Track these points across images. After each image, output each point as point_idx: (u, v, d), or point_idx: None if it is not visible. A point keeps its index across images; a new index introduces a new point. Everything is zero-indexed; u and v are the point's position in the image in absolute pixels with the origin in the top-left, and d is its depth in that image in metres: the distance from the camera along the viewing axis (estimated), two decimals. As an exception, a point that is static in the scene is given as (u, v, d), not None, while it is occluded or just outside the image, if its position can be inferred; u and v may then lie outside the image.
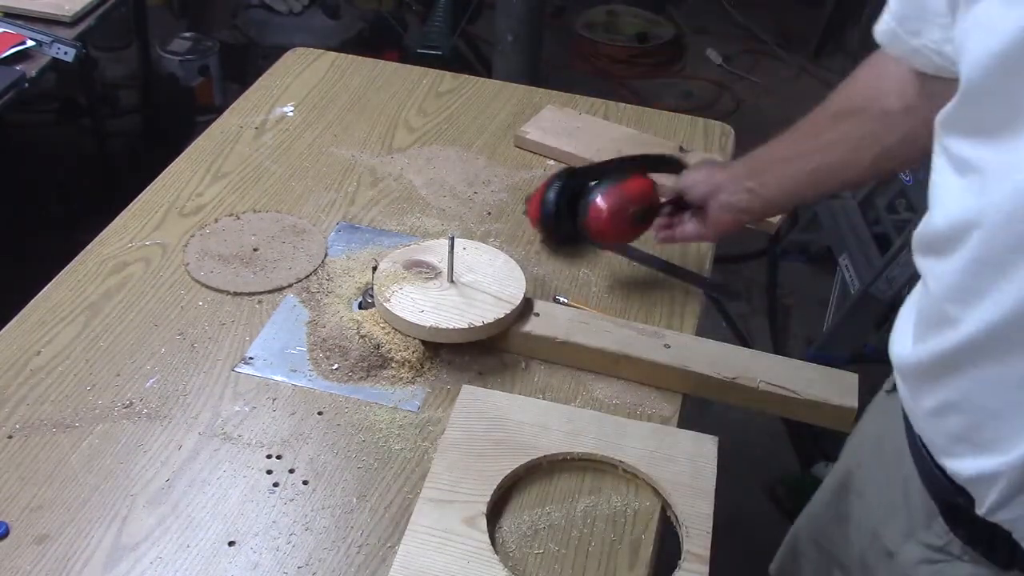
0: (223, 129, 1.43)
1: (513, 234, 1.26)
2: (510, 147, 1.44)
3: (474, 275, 1.11)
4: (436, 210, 1.30)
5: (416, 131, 1.46)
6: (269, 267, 1.17)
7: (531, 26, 2.89)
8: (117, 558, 0.85)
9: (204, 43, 3.19)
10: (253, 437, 0.97)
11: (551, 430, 0.97)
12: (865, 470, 1.07)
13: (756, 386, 1.03)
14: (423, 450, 0.97)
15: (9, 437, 0.95)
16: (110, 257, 1.18)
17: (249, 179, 1.33)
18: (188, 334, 1.08)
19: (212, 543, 0.87)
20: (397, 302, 1.07)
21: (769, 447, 2.31)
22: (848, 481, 1.11)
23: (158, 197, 1.28)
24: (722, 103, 3.64)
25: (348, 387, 1.03)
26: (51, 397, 0.99)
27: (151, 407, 0.99)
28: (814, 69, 3.86)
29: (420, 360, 1.06)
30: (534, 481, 0.95)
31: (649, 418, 1.03)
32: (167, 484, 0.92)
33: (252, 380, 1.03)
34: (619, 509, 0.93)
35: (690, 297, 1.19)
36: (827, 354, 2.51)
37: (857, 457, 1.10)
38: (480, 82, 1.61)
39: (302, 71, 1.59)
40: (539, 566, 0.87)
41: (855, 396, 1.03)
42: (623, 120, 1.52)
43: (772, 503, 2.18)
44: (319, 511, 0.91)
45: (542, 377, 1.07)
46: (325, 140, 1.43)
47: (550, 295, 1.17)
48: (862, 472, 1.08)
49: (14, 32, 1.85)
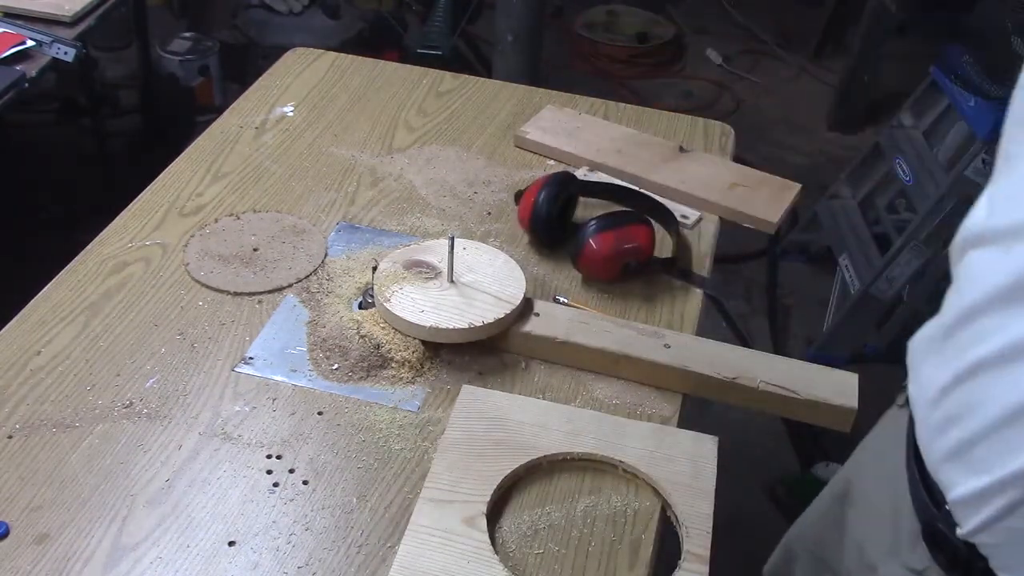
0: (223, 129, 1.43)
1: (513, 234, 1.26)
2: (510, 147, 1.44)
3: (474, 275, 1.11)
4: (436, 210, 1.30)
5: (416, 131, 1.47)
6: (269, 267, 1.17)
7: (531, 26, 2.89)
8: (117, 558, 0.85)
9: (204, 43, 3.19)
10: (253, 437, 0.97)
11: (551, 430, 0.97)
12: (864, 482, 1.08)
13: (756, 386, 1.03)
14: (423, 450, 0.97)
15: (9, 437, 0.95)
16: (110, 257, 1.18)
17: (249, 179, 1.33)
18: (188, 334, 1.08)
19: (212, 543, 0.87)
20: (397, 302, 1.07)
21: (769, 447, 2.31)
22: (847, 490, 1.11)
23: (158, 197, 1.28)
24: (722, 103, 3.64)
25: (348, 387, 1.03)
26: (51, 397, 0.99)
27: (151, 407, 0.99)
28: (814, 69, 3.87)
29: (420, 360, 1.06)
30: (534, 481, 0.95)
31: (649, 418, 1.03)
32: (167, 484, 0.92)
33: (252, 380, 1.03)
34: (619, 509, 0.93)
35: (690, 297, 1.19)
36: (827, 354, 2.51)
37: (859, 467, 1.10)
38: (480, 82, 1.61)
39: (302, 71, 1.59)
40: (539, 566, 0.87)
41: (855, 396, 1.03)
42: (623, 120, 1.52)
43: (772, 503, 2.18)
44: (319, 511, 0.91)
45: (542, 377, 1.07)
46: (325, 140, 1.43)
47: (550, 295, 1.17)
48: (861, 483, 1.08)
49: (14, 32, 1.85)
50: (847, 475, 1.13)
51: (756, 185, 1.37)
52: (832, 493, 1.15)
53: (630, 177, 1.36)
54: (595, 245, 1.15)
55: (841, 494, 1.12)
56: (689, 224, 1.30)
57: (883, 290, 2.45)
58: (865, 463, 1.09)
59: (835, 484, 1.16)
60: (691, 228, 1.30)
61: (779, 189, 1.38)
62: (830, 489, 1.17)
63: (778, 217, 1.33)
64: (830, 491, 1.16)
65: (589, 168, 1.39)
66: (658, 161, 1.39)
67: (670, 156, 1.41)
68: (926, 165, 2.49)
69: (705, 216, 1.33)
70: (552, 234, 1.21)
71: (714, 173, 1.38)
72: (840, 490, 1.13)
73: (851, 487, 1.10)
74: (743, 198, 1.34)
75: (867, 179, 2.78)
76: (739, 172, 1.40)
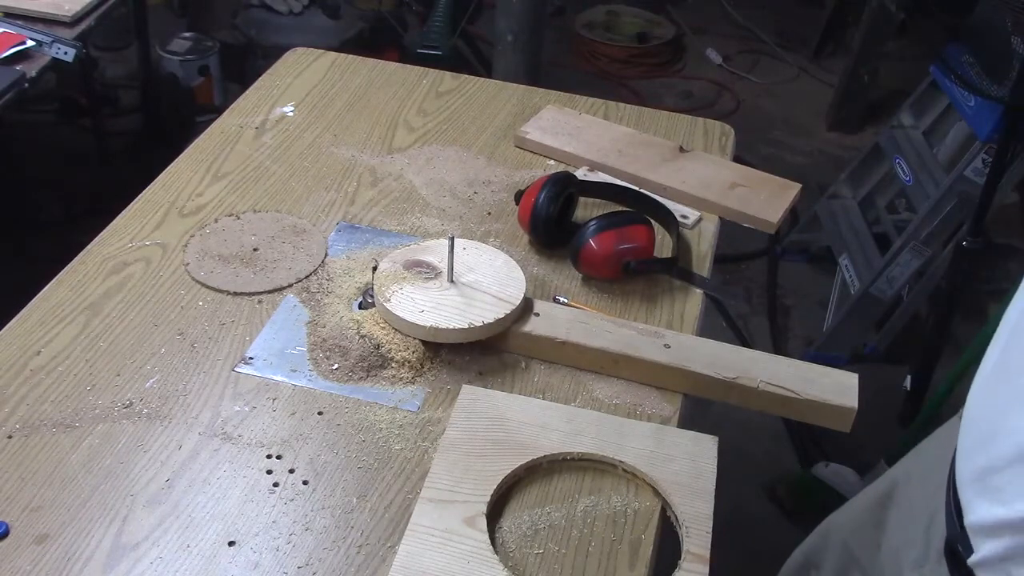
0: (223, 129, 1.43)
1: (513, 234, 1.26)
2: (510, 147, 1.44)
3: (474, 275, 1.11)
4: (436, 210, 1.30)
5: (416, 131, 1.47)
6: (269, 267, 1.17)
7: (531, 26, 2.89)
8: (117, 558, 0.85)
9: (204, 43, 3.19)
10: (253, 437, 0.97)
11: (551, 430, 0.97)
12: (909, 487, 1.06)
13: (756, 386, 1.03)
14: (423, 450, 0.97)
15: (9, 437, 0.95)
16: (110, 257, 1.18)
17: (249, 179, 1.33)
18: (188, 334, 1.08)
19: (212, 543, 0.87)
20: (397, 302, 1.07)
21: (769, 447, 2.31)
22: (892, 492, 1.09)
23: (158, 197, 1.28)
24: (722, 103, 3.64)
25: (348, 387, 1.03)
26: (51, 397, 0.99)
27: (151, 407, 0.99)
28: (814, 69, 3.87)
29: (420, 360, 1.06)
30: (534, 481, 0.95)
31: (649, 418, 1.03)
32: (167, 484, 0.92)
33: (252, 380, 1.03)
34: (619, 509, 0.93)
35: (690, 297, 1.19)
36: (827, 354, 2.51)
37: (907, 472, 1.08)
38: (480, 82, 1.61)
39: (302, 71, 1.59)
40: (539, 566, 0.87)
41: (855, 396, 1.03)
42: (623, 120, 1.52)
43: (772, 503, 2.18)
44: (319, 511, 0.91)
45: (542, 377, 1.07)
46: (325, 140, 1.43)
47: (550, 295, 1.17)
48: (907, 488, 1.07)
49: (14, 32, 1.85)
50: (894, 476, 1.11)
51: (756, 185, 1.38)
52: (877, 492, 1.14)
53: (630, 177, 1.37)
54: (595, 245, 1.15)
55: (885, 495, 1.10)
56: (689, 224, 1.30)
57: (883, 290, 2.45)
58: (913, 468, 1.08)
59: (881, 483, 1.14)
60: (691, 228, 1.30)
61: (779, 189, 1.38)
62: (875, 488, 1.15)
63: (778, 217, 1.33)
64: (875, 490, 1.15)
65: (589, 168, 1.39)
66: (658, 161, 1.40)
67: (670, 156, 1.41)
68: (926, 165, 2.49)
69: (705, 216, 1.33)
70: (552, 234, 1.21)
71: (714, 173, 1.38)
72: (885, 490, 1.11)
73: (896, 490, 1.09)
74: (743, 198, 1.34)
75: (867, 179, 2.78)
76: (739, 172, 1.40)
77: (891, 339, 2.54)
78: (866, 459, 2.14)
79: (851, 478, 2.14)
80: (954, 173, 2.31)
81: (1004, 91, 2.00)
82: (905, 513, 1.05)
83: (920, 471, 1.06)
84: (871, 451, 2.14)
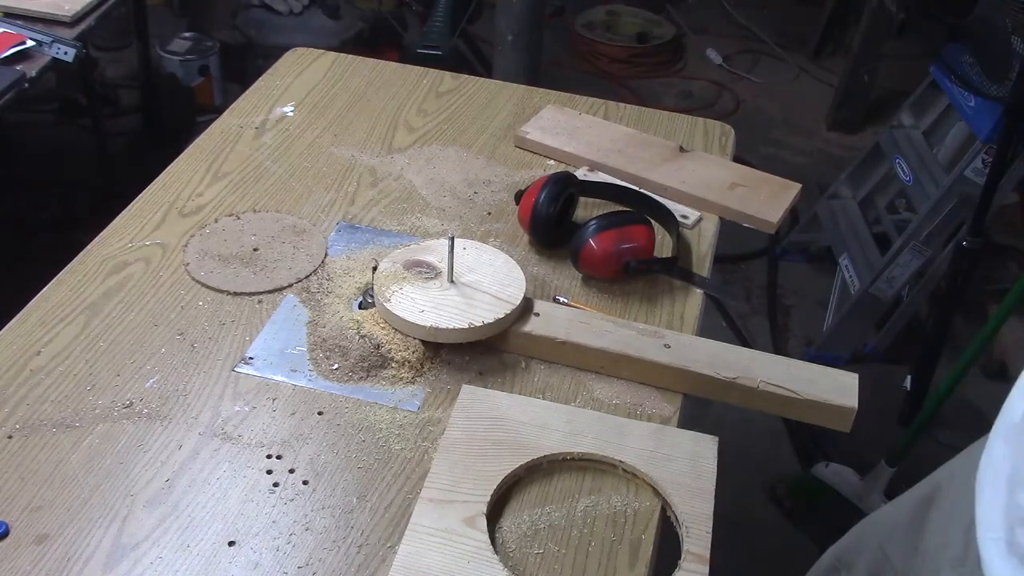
0: (223, 129, 1.43)
1: (513, 234, 1.26)
2: (510, 147, 1.44)
3: (474, 275, 1.11)
4: (436, 210, 1.30)
5: (416, 131, 1.47)
6: (269, 267, 1.17)
7: (531, 26, 2.89)
8: (117, 558, 0.85)
9: (204, 43, 3.19)
10: (253, 437, 0.97)
11: (551, 430, 0.97)
12: (952, 490, 1.04)
13: (756, 386, 1.03)
14: (423, 450, 0.97)
15: (9, 437, 0.95)
16: (110, 257, 1.18)
17: (249, 179, 1.33)
18: (188, 334, 1.08)
19: (212, 543, 0.87)
20: (397, 302, 1.07)
21: (769, 447, 2.31)
22: (934, 495, 1.08)
23: (158, 197, 1.28)
24: (722, 103, 3.64)
25: (348, 387, 1.03)
26: (51, 397, 0.99)
27: (151, 407, 0.99)
28: (814, 69, 3.87)
29: (420, 360, 1.06)
30: (534, 481, 0.95)
31: (649, 418, 1.03)
32: (167, 484, 0.92)
33: (252, 380, 1.03)
34: (619, 509, 0.93)
35: (690, 297, 1.19)
36: (827, 354, 2.51)
37: (952, 475, 1.06)
38: (480, 82, 1.61)
39: (302, 71, 1.59)
40: (539, 566, 0.87)
41: (855, 396, 1.03)
42: (623, 120, 1.52)
43: (772, 503, 2.18)
44: (319, 511, 0.91)
45: (542, 377, 1.07)
46: (325, 140, 1.43)
47: (550, 295, 1.17)
48: (950, 490, 1.04)
49: (14, 32, 1.85)
50: (938, 479, 1.10)
51: (756, 185, 1.38)
52: (920, 494, 1.12)
53: (630, 177, 1.37)
54: (595, 245, 1.15)
55: (927, 497, 1.08)
56: (689, 224, 1.30)
57: (883, 290, 2.45)
58: (957, 472, 1.06)
59: (924, 486, 1.12)
60: (691, 228, 1.31)
61: (779, 189, 1.38)
62: (918, 490, 1.13)
63: (778, 217, 1.33)
64: (918, 492, 1.13)
65: (589, 168, 1.39)
66: (658, 161, 1.40)
67: (670, 156, 1.41)
68: (926, 165, 2.49)
69: (705, 216, 1.33)
70: (552, 234, 1.21)
71: (714, 173, 1.38)
72: (927, 493, 1.09)
73: (939, 492, 1.07)
74: (743, 198, 1.34)
75: (867, 179, 2.78)
76: (739, 172, 1.40)
77: (891, 339, 2.54)
78: (866, 459, 2.14)
79: (851, 478, 2.14)
80: (954, 173, 2.31)
81: (1004, 91, 2.00)
82: (946, 514, 1.03)
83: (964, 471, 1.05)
84: (871, 451, 2.14)
